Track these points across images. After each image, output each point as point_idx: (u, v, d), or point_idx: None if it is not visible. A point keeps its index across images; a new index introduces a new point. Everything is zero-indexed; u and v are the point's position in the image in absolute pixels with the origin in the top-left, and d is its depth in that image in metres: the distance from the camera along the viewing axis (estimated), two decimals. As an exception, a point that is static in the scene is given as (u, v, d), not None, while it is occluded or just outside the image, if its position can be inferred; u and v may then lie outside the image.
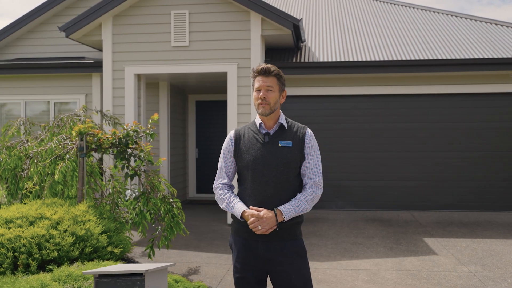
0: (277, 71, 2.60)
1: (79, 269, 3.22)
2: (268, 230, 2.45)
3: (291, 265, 2.52)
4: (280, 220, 2.46)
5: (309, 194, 2.54)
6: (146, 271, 2.20)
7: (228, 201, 2.57)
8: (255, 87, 2.60)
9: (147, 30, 8.15)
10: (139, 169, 4.84)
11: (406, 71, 8.54)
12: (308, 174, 2.59)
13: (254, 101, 2.61)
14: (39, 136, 6.15)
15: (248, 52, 7.90)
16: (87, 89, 9.46)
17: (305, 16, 11.60)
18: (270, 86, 2.57)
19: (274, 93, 2.58)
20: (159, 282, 2.33)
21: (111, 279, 2.21)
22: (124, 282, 2.19)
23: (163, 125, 9.74)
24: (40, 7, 9.91)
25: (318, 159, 2.63)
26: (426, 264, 5.52)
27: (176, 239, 6.71)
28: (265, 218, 2.43)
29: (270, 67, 2.59)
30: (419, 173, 8.95)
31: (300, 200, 2.52)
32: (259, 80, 2.59)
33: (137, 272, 2.20)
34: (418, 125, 8.97)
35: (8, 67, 9.39)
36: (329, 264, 5.59)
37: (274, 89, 2.59)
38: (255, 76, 2.61)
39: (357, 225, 7.76)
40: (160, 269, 2.37)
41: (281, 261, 2.52)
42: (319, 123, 9.17)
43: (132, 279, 2.20)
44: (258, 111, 2.59)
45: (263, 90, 2.57)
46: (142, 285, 2.18)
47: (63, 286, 2.72)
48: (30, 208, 4.39)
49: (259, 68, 2.59)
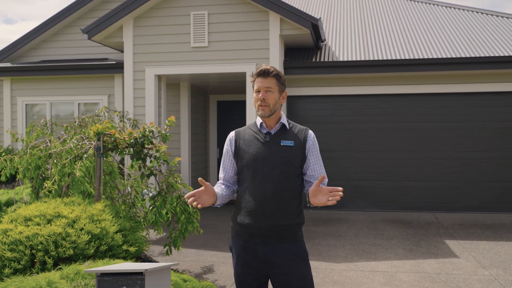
0: (276, 71, 2.59)
1: (90, 267, 3.28)
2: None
3: (291, 267, 2.49)
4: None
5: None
6: (146, 270, 2.22)
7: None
8: (255, 88, 2.60)
9: (167, 31, 8.23)
10: (155, 169, 4.89)
11: (428, 70, 8.38)
12: (316, 175, 2.58)
13: (254, 102, 2.60)
14: (61, 137, 6.29)
15: (267, 52, 7.89)
16: (110, 90, 9.63)
17: (326, 16, 11.52)
18: (269, 87, 2.56)
19: (273, 94, 2.57)
20: (160, 281, 2.35)
21: (113, 278, 2.24)
22: (125, 280, 2.22)
23: (184, 125, 9.83)
24: (64, 10, 10.14)
25: (320, 159, 2.63)
26: (445, 267, 5.40)
27: (194, 238, 6.75)
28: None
29: (269, 68, 2.57)
30: (441, 174, 8.77)
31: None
32: (258, 81, 2.58)
33: (137, 271, 2.23)
34: (441, 125, 8.79)
35: (34, 69, 9.64)
36: (345, 265, 5.53)
37: (273, 90, 2.57)
38: (254, 78, 2.61)
39: (377, 226, 7.65)
40: (161, 268, 2.39)
41: (281, 263, 2.49)
42: (339, 123, 9.09)
43: (133, 278, 2.22)
44: (258, 113, 2.58)
45: (262, 91, 2.55)
46: (142, 284, 2.21)
47: (71, 284, 2.78)
48: (49, 206, 4.49)
49: (258, 69, 2.59)
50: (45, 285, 2.66)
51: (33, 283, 2.69)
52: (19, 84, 10.00)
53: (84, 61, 9.73)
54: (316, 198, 2.38)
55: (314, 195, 2.39)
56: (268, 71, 2.56)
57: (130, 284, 2.21)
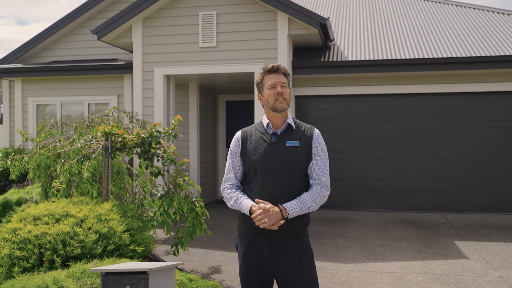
0: (286, 69, 2.63)
1: (96, 265, 3.30)
2: (275, 224, 2.40)
3: (296, 267, 2.48)
4: (285, 217, 2.43)
5: (315, 193, 2.51)
6: (150, 270, 2.23)
7: (236, 198, 2.55)
8: (268, 84, 2.58)
9: (176, 32, 8.26)
10: (163, 169, 4.91)
11: (438, 69, 8.31)
12: (315, 174, 2.55)
13: (268, 98, 2.58)
14: (71, 137, 6.34)
15: (275, 52, 7.88)
16: (119, 90, 9.68)
17: (335, 15, 11.47)
18: (284, 82, 2.60)
19: (287, 89, 2.61)
20: (165, 280, 2.36)
21: (117, 277, 2.25)
22: (129, 280, 2.23)
23: (193, 125, 9.85)
24: (74, 11, 10.22)
25: (325, 159, 2.59)
26: (455, 268, 5.35)
27: (202, 238, 6.77)
28: (272, 211, 2.40)
29: (280, 64, 2.61)
30: (452, 174, 8.69)
31: (305, 198, 2.48)
32: (271, 77, 2.59)
33: (142, 271, 2.24)
34: (451, 125, 8.71)
35: (45, 70, 9.73)
36: (353, 266, 5.50)
37: (286, 85, 2.61)
38: (264, 75, 2.61)
39: (386, 226, 7.61)
40: (166, 268, 2.39)
41: (286, 263, 2.49)
42: (349, 123, 9.05)
43: (137, 277, 2.23)
44: (275, 107, 2.55)
45: (279, 86, 2.57)
46: (146, 283, 2.21)
47: (77, 283, 2.80)
48: (57, 206, 4.52)
49: (268, 66, 2.61)
50: (51, 284, 2.68)
51: (39, 281, 2.72)
52: (30, 85, 10.10)
53: (94, 62, 9.79)
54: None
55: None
56: (280, 67, 2.61)
57: (134, 284, 2.22)
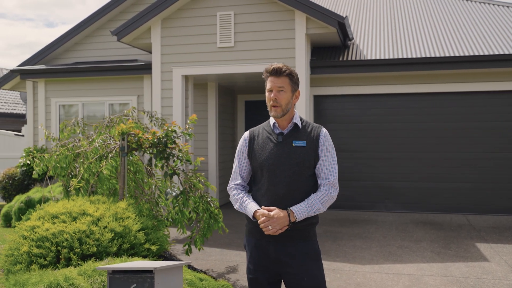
0: (289, 70, 2.54)
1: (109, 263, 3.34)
2: (279, 231, 2.40)
3: (302, 267, 2.46)
4: (292, 221, 2.41)
5: (323, 195, 2.48)
6: (155, 269, 2.24)
7: (241, 201, 2.56)
8: (267, 87, 2.56)
9: (194, 32, 8.31)
10: (178, 168, 4.94)
11: (459, 68, 8.14)
12: (323, 174, 2.53)
13: (267, 102, 2.57)
14: (90, 136, 6.44)
15: (293, 51, 7.85)
16: (139, 91, 9.79)
17: (355, 14, 11.36)
18: (282, 86, 2.52)
19: (286, 93, 2.52)
20: (171, 279, 2.36)
21: (123, 275, 2.27)
22: (135, 278, 2.25)
23: (212, 125, 9.89)
24: (96, 13, 10.37)
25: (333, 159, 2.56)
26: (474, 271, 5.23)
27: (219, 238, 6.78)
28: (276, 218, 2.39)
29: (282, 66, 2.53)
30: (474, 175, 8.50)
31: (313, 200, 2.46)
32: (270, 80, 2.54)
33: (147, 270, 2.25)
34: (472, 124, 8.53)
35: (67, 71, 9.91)
36: (370, 267, 5.43)
37: (286, 89, 2.52)
38: (267, 76, 2.57)
39: (406, 228, 7.49)
40: (172, 267, 2.40)
41: (292, 263, 2.47)
42: (367, 123, 8.96)
43: (143, 276, 2.25)
44: (270, 113, 2.55)
45: (274, 91, 2.52)
46: (152, 282, 2.23)
47: (88, 280, 2.84)
48: (75, 204, 4.60)
49: (270, 68, 2.54)
50: (62, 281, 2.72)
51: (51, 278, 2.76)
52: (53, 86, 10.30)
53: (114, 63, 9.92)
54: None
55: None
56: (281, 70, 2.52)
57: (140, 282, 2.24)
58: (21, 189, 9.54)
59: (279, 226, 2.39)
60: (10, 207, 7.94)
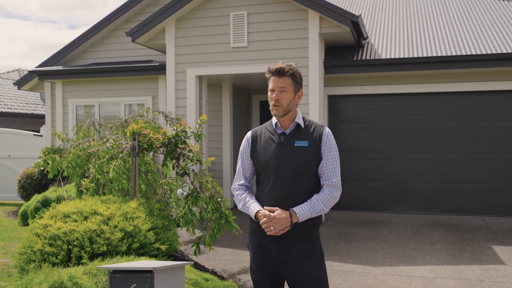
0: (291, 70, 2.51)
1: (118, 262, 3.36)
2: (280, 232, 2.39)
3: (304, 268, 2.45)
4: (294, 221, 2.40)
5: (326, 195, 2.46)
6: (155, 269, 2.24)
7: (244, 201, 2.56)
8: (269, 87, 2.55)
9: (207, 32, 8.33)
10: (188, 168, 4.95)
11: (478, 67, 7.98)
12: (326, 175, 2.50)
13: (269, 101, 2.56)
14: (105, 136, 6.51)
15: (306, 51, 7.81)
16: (154, 91, 9.86)
17: (370, 13, 11.24)
18: (284, 87, 2.50)
19: (288, 94, 2.51)
20: (172, 280, 2.36)
21: (124, 275, 2.28)
22: (136, 278, 2.25)
23: (226, 125, 9.91)
24: (112, 14, 10.48)
25: (336, 159, 2.53)
26: (489, 274, 5.12)
27: (232, 238, 6.79)
28: (278, 218, 2.38)
29: (284, 67, 2.51)
30: (492, 176, 8.33)
31: (316, 201, 2.44)
32: (273, 80, 2.53)
33: (148, 269, 2.26)
34: (490, 124, 8.36)
35: (83, 72, 10.04)
36: (382, 269, 5.37)
37: (288, 89, 2.51)
38: (269, 76, 2.56)
39: (421, 229, 7.38)
40: (173, 267, 2.40)
41: (294, 263, 2.46)
42: (383, 123, 8.86)
43: (143, 276, 2.25)
44: (271, 112, 2.54)
45: (276, 91, 2.51)
46: (152, 282, 2.23)
47: (92, 280, 2.86)
48: (86, 204, 4.65)
49: (273, 68, 2.53)
50: (66, 280, 2.75)
51: (55, 277, 2.80)
52: (70, 86, 10.45)
53: (130, 63, 10.01)
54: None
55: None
56: (283, 70, 2.50)
57: (140, 282, 2.25)
58: (39, 189, 9.70)
59: (280, 227, 2.38)
60: (28, 206, 8.08)
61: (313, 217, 2.47)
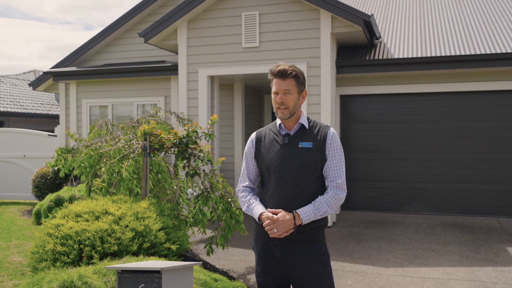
0: (294, 72, 2.47)
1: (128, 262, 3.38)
2: (284, 234, 2.36)
3: (309, 271, 2.42)
4: (298, 224, 2.37)
5: (330, 197, 2.43)
6: (162, 269, 2.25)
7: (248, 203, 2.54)
8: (273, 90, 2.51)
9: (219, 33, 8.34)
10: (199, 169, 4.97)
11: (493, 66, 7.87)
12: (330, 176, 2.47)
13: (273, 104, 2.54)
14: (116, 137, 6.56)
15: (318, 50, 7.78)
16: (166, 92, 9.91)
17: (383, 12, 11.16)
18: (288, 89, 2.46)
19: (292, 95, 2.47)
20: (180, 280, 2.37)
21: (132, 275, 2.30)
22: (144, 278, 2.27)
23: (238, 125, 9.92)
24: (125, 16, 10.56)
25: (341, 160, 2.50)
26: (503, 276, 5.05)
27: (243, 238, 6.79)
28: (281, 221, 2.35)
29: (287, 68, 2.46)
30: (507, 176, 8.21)
31: (320, 203, 2.41)
32: (276, 83, 2.48)
33: (155, 269, 2.27)
34: (505, 124, 8.24)
35: (97, 72, 10.13)
36: (394, 270, 5.32)
37: (292, 91, 2.47)
38: (272, 78, 2.52)
39: (434, 230, 7.31)
40: (181, 267, 2.40)
41: (299, 266, 2.43)
42: (396, 123, 8.79)
43: (151, 276, 2.26)
44: (277, 115, 2.51)
45: (280, 94, 2.46)
46: (159, 282, 2.24)
47: (102, 279, 2.88)
48: (98, 203, 4.69)
49: (275, 69, 2.48)
50: (76, 279, 2.78)
51: (65, 276, 2.82)
52: (84, 87, 10.55)
53: (142, 64, 10.08)
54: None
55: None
56: (286, 72, 2.46)
57: (148, 282, 2.26)
58: (53, 188, 9.82)
59: (284, 229, 2.35)
60: (41, 205, 8.18)
61: (318, 219, 2.45)
